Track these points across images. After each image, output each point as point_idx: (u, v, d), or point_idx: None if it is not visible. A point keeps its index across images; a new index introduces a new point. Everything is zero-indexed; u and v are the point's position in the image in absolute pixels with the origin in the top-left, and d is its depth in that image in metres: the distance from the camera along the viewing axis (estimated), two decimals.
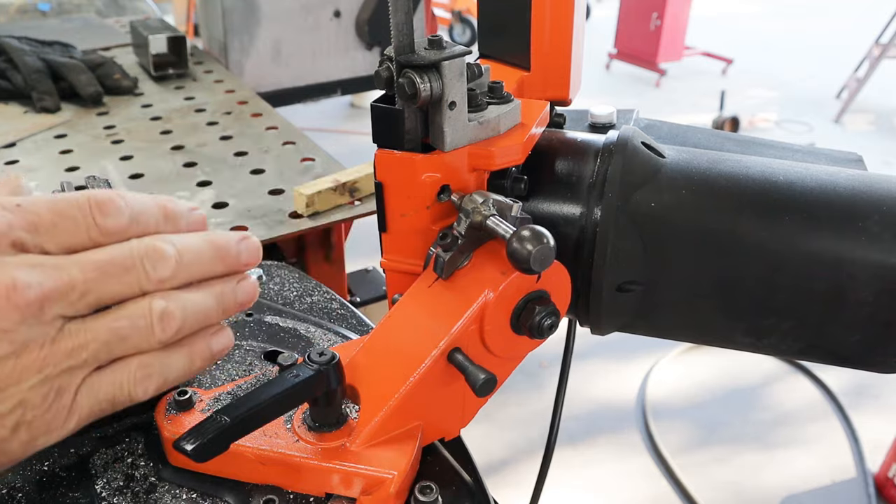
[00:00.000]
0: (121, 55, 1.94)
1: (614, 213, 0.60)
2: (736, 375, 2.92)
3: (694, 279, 0.60)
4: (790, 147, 0.75)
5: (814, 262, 0.56)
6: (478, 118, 0.60)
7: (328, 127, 5.24)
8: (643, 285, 0.61)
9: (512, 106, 0.63)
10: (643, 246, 0.60)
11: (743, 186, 0.60)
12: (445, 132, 0.58)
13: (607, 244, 0.60)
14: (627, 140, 0.63)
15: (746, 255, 0.58)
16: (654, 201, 0.60)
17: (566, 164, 0.65)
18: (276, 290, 0.93)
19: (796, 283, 0.57)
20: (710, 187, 0.60)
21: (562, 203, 0.64)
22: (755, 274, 0.58)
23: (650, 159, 0.62)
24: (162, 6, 4.22)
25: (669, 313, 0.64)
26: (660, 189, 0.60)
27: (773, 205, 0.58)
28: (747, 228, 0.58)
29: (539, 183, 0.65)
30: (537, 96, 0.75)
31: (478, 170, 0.61)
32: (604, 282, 0.61)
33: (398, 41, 0.55)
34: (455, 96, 0.57)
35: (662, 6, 6.25)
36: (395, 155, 0.60)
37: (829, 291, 0.56)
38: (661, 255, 0.60)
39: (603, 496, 2.39)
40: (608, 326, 0.65)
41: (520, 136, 0.62)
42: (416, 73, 0.55)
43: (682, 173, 0.61)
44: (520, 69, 0.75)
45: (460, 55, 0.56)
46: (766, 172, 0.61)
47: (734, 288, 0.59)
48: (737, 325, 0.61)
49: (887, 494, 2.35)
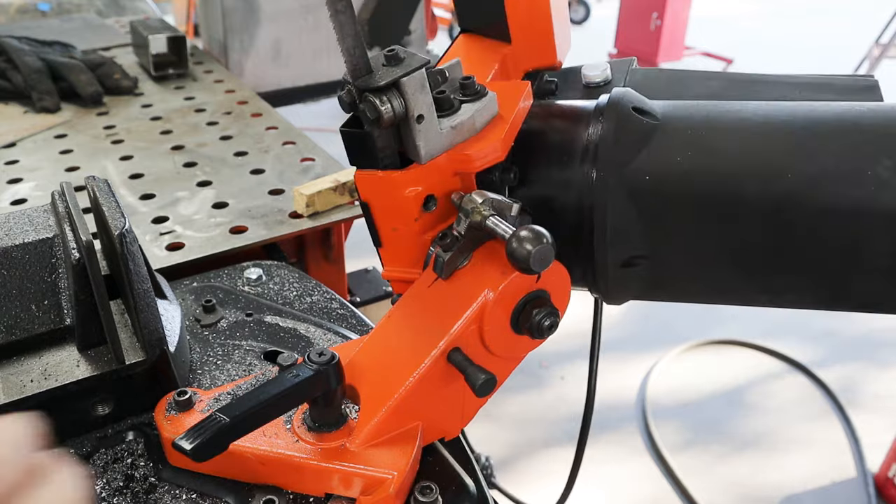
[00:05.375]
0: (121, 55, 1.94)
1: (609, 190, 0.58)
2: (736, 375, 2.92)
3: (698, 246, 0.58)
4: (796, 82, 0.68)
5: (823, 217, 0.53)
6: (451, 123, 0.58)
7: (328, 127, 5.23)
8: (648, 258, 0.59)
9: (486, 100, 0.60)
10: (642, 219, 0.58)
11: (742, 143, 0.56)
12: (419, 146, 0.57)
13: (606, 221, 0.58)
14: (616, 106, 0.59)
15: (750, 218, 0.55)
16: (649, 172, 0.57)
17: (556, 144, 0.62)
18: (276, 290, 0.93)
19: (807, 240, 0.54)
20: (706, 149, 0.57)
21: (556, 185, 0.61)
22: (762, 235, 0.55)
23: (641, 126, 0.59)
24: (162, 6, 4.22)
25: (680, 281, 0.61)
26: (654, 157, 0.58)
27: (775, 161, 0.55)
28: (749, 189, 0.55)
29: (531, 166, 0.63)
30: (523, 68, 0.72)
31: (460, 173, 0.60)
32: (608, 259, 0.59)
33: (351, 65, 0.54)
34: (421, 109, 0.55)
35: (662, 6, 6.25)
36: (375, 175, 0.59)
37: (843, 247, 0.53)
38: (661, 227, 0.58)
39: (603, 496, 2.39)
40: (622, 297, 0.64)
41: (498, 131, 0.60)
42: (376, 96, 0.54)
43: (677, 136, 0.58)
44: (501, 42, 0.71)
45: (419, 68, 0.54)
46: (767, 125, 0.57)
47: (742, 251, 0.56)
48: (752, 284, 0.58)
49: (887, 494, 2.35)
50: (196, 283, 0.94)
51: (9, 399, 0.63)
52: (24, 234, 0.70)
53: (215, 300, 0.88)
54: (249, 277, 0.94)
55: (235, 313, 0.87)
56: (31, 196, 1.24)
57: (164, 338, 0.68)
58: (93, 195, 0.72)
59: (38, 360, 0.68)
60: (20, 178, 1.30)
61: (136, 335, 0.69)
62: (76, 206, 0.69)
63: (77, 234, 0.65)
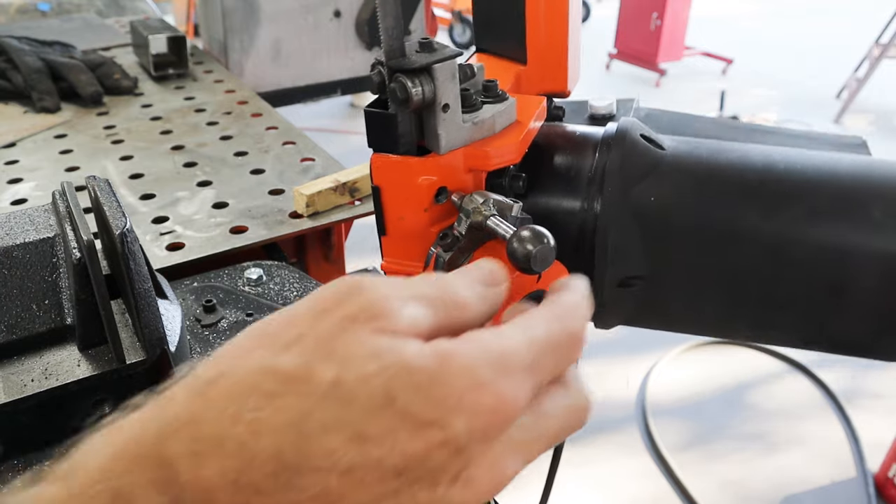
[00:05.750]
0: (121, 55, 1.94)
1: (614, 207, 0.60)
2: (736, 375, 2.92)
3: (696, 272, 0.60)
4: (792, 133, 0.73)
5: (817, 252, 0.56)
6: (472, 118, 0.60)
7: (328, 127, 5.23)
8: (645, 280, 0.61)
9: (507, 104, 0.62)
10: (644, 240, 0.60)
11: (744, 177, 0.59)
12: (440, 135, 0.58)
13: (608, 239, 0.60)
14: (626, 132, 0.62)
15: (748, 246, 0.57)
16: (654, 195, 0.60)
17: (565, 158, 0.64)
18: (276, 291, 0.93)
19: (800, 273, 0.56)
20: (710, 179, 0.60)
21: (561, 198, 0.63)
22: (757, 265, 0.57)
23: (649, 151, 0.62)
24: (162, 6, 4.22)
25: (672, 306, 0.63)
26: (660, 182, 0.60)
27: (774, 195, 0.57)
28: (749, 220, 0.57)
29: (538, 178, 0.64)
30: (535, 90, 0.75)
31: (474, 170, 0.61)
32: (605, 277, 0.60)
33: (388, 45, 0.55)
34: (448, 98, 0.57)
35: (662, 6, 6.24)
36: (390, 159, 0.60)
37: (833, 281, 0.56)
38: (662, 249, 0.60)
39: (603, 495, 2.39)
40: (612, 321, 0.65)
41: (516, 134, 0.62)
42: (408, 78, 0.55)
43: (682, 165, 0.61)
44: (516, 63, 0.75)
45: (451, 57, 0.55)
46: (768, 162, 0.60)
47: (737, 280, 0.58)
48: (740, 316, 0.60)
49: (887, 494, 2.35)
50: (196, 283, 0.94)
51: (9, 398, 0.63)
52: (25, 233, 0.70)
53: (216, 300, 0.88)
54: (250, 277, 0.94)
55: (236, 313, 0.87)
56: (31, 196, 1.24)
57: (164, 337, 0.68)
58: (94, 195, 0.72)
59: (39, 360, 0.68)
60: (20, 178, 1.30)
61: (137, 335, 0.69)
62: (77, 206, 0.69)
63: (78, 234, 0.65)
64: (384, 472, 0.31)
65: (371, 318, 0.33)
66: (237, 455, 0.30)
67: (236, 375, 0.32)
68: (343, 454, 0.30)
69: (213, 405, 0.31)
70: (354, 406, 0.31)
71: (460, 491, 0.33)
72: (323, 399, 0.31)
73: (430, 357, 0.32)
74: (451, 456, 0.32)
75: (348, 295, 0.34)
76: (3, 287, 0.67)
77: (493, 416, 0.33)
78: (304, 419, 0.30)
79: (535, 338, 0.36)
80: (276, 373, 0.32)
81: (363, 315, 0.33)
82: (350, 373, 0.31)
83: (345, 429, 0.31)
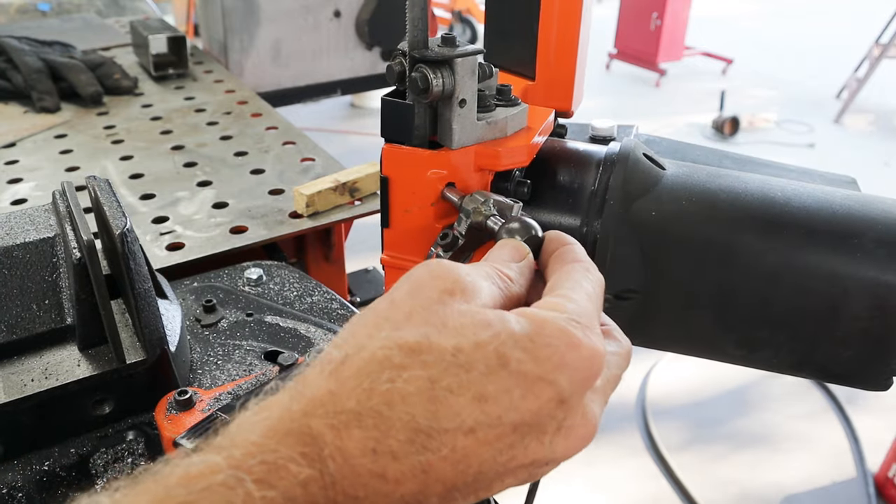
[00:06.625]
0: (121, 55, 1.94)
1: (615, 221, 0.61)
2: (736, 375, 2.92)
3: (691, 288, 0.61)
4: (785, 167, 0.76)
5: (809, 277, 0.57)
6: (486, 118, 0.61)
7: (328, 127, 5.23)
8: (641, 294, 0.62)
9: (519, 109, 0.63)
10: (642, 254, 0.61)
11: (742, 200, 0.60)
12: (454, 129, 0.59)
13: (607, 251, 0.61)
14: (629, 151, 0.64)
15: (743, 266, 0.59)
16: (654, 211, 0.61)
17: (568, 172, 0.66)
18: (276, 291, 0.93)
19: (791, 296, 0.58)
20: (709, 199, 0.61)
21: (563, 210, 0.65)
22: (751, 285, 0.59)
23: (651, 170, 0.63)
24: (162, 6, 4.22)
25: (665, 323, 0.64)
26: (660, 199, 0.61)
27: (771, 219, 0.59)
28: (745, 241, 0.59)
29: (541, 190, 0.65)
30: (541, 106, 0.77)
31: (483, 170, 0.62)
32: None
33: (413, 36, 0.56)
34: (466, 94, 0.58)
35: (662, 6, 6.24)
36: (402, 150, 0.61)
37: (823, 306, 0.57)
38: (659, 264, 0.61)
39: (603, 495, 2.39)
40: None
41: (526, 138, 0.63)
42: (429, 69, 0.56)
43: (682, 185, 0.62)
44: (524, 78, 0.76)
45: (473, 54, 0.57)
46: (765, 188, 0.62)
47: (730, 298, 0.60)
48: (730, 336, 0.62)
49: (887, 494, 2.35)
50: (196, 283, 0.94)
51: (9, 398, 0.63)
52: (26, 233, 0.70)
53: (216, 300, 0.88)
54: (250, 277, 0.94)
55: (236, 313, 0.87)
56: (31, 196, 1.24)
57: (164, 337, 0.68)
58: (94, 195, 0.72)
59: (39, 360, 0.68)
60: (20, 178, 1.30)
61: (137, 335, 0.69)
62: (77, 206, 0.69)
63: (78, 234, 0.65)
64: (503, 428, 0.35)
65: (462, 291, 0.38)
66: (375, 426, 0.34)
67: (364, 354, 0.36)
68: (468, 415, 0.34)
69: (348, 382, 0.35)
70: (473, 370, 0.35)
71: (563, 440, 0.37)
72: (447, 367, 0.35)
73: (529, 324, 0.37)
74: (556, 408, 0.36)
75: (437, 274, 0.39)
76: (3, 287, 0.67)
77: (590, 368, 0.37)
78: (432, 386, 0.34)
79: (589, 294, 0.42)
80: (402, 347, 0.35)
81: (456, 288, 0.38)
82: (467, 341, 0.35)
83: (467, 391, 0.35)
